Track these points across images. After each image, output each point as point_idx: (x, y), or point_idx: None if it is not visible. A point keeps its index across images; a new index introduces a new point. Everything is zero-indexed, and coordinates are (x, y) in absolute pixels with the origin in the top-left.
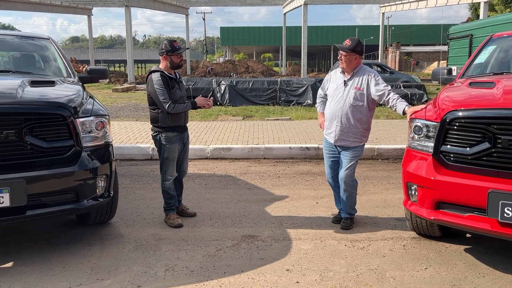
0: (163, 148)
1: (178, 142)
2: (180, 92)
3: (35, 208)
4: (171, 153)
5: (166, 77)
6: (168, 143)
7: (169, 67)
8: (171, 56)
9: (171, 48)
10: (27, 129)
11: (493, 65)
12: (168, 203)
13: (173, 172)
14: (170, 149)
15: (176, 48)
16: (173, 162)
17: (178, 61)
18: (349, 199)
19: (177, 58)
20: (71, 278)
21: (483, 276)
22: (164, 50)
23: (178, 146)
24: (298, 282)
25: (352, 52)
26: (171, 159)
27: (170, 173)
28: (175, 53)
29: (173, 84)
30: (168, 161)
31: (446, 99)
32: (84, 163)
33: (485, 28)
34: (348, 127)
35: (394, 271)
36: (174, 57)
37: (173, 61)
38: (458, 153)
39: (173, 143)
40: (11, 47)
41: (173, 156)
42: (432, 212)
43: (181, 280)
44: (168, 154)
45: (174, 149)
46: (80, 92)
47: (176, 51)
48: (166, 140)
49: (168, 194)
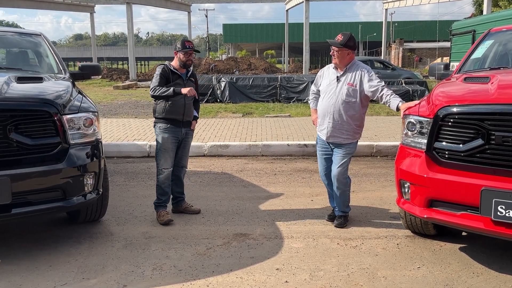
0: (157, 138)
1: (171, 134)
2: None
3: (21, 206)
4: (164, 143)
5: (168, 71)
6: (161, 133)
7: (179, 64)
8: (179, 53)
9: (181, 46)
10: (12, 126)
11: (490, 60)
12: (160, 199)
13: (167, 165)
14: (162, 139)
15: (185, 47)
16: (165, 154)
17: (184, 59)
18: (342, 197)
19: (184, 57)
20: (57, 277)
21: (477, 276)
22: (176, 46)
23: (172, 138)
24: (287, 282)
25: (344, 47)
26: (163, 149)
27: (163, 165)
28: (182, 50)
29: (174, 79)
30: (160, 152)
31: (440, 94)
32: (72, 160)
33: (488, 23)
34: (340, 123)
35: (386, 271)
36: (181, 54)
37: (180, 59)
38: (451, 149)
39: (166, 133)
40: (1, 44)
41: (165, 146)
42: (425, 210)
43: (168, 279)
44: (160, 144)
45: (167, 139)
46: (68, 89)
47: (183, 49)
48: (159, 130)
49: (161, 190)
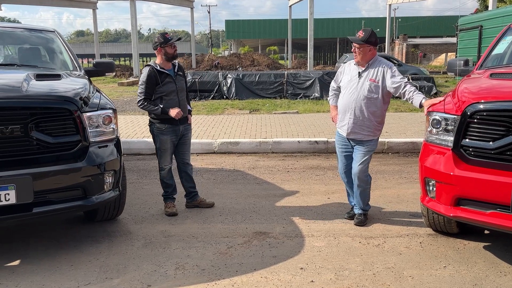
0: (155, 139)
1: (170, 134)
2: (173, 86)
3: (42, 205)
4: (162, 144)
5: (155, 72)
6: (159, 134)
7: (165, 59)
8: (165, 47)
9: (164, 40)
10: (32, 124)
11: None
12: (166, 191)
13: (167, 162)
14: (161, 140)
15: (169, 39)
16: (165, 153)
17: (172, 51)
18: (363, 195)
19: (171, 49)
20: (79, 277)
21: (505, 275)
22: (158, 42)
23: (171, 138)
24: (313, 281)
25: (366, 43)
26: (163, 149)
27: (163, 163)
28: (168, 44)
29: (163, 79)
30: (160, 152)
31: (466, 91)
32: (92, 158)
33: (495, 19)
34: (361, 119)
35: (412, 270)
36: (168, 48)
37: (167, 53)
38: (480, 147)
39: (164, 134)
40: (16, 40)
41: (165, 147)
42: (451, 208)
43: (192, 279)
44: (159, 145)
45: (166, 140)
46: (86, 86)
47: (169, 41)
48: (157, 131)
49: (164, 183)
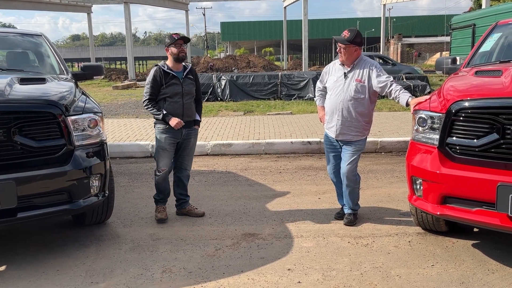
0: (156, 138)
1: (169, 135)
2: (178, 88)
3: (27, 210)
4: (161, 143)
5: (161, 73)
6: (159, 134)
7: (173, 60)
8: (171, 47)
9: (169, 39)
10: (16, 128)
11: (499, 53)
12: (159, 195)
13: (164, 166)
14: (160, 139)
15: (173, 39)
16: (163, 154)
17: (177, 52)
18: (352, 195)
19: (176, 49)
20: (65, 281)
21: (493, 273)
22: (165, 43)
23: (170, 139)
24: (300, 282)
25: (351, 43)
26: (161, 149)
27: (161, 166)
28: (172, 43)
29: (167, 80)
30: (158, 152)
31: (451, 89)
32: (77, 162)
33: (488, 17)
34: (349, 120)
35: (400, 269)
36: (173, 48)
37: (173, 53)
38: (465, 145)
39: (163, 134)
40: (2, 45)
41: (163, 147)
42: (438, 207)
43: (178, 282)
44: (158, 144)
45: (164, 139)
46: (72, 89)
47: (173, 41)
48: (157, 130)
49: (158, 188)
